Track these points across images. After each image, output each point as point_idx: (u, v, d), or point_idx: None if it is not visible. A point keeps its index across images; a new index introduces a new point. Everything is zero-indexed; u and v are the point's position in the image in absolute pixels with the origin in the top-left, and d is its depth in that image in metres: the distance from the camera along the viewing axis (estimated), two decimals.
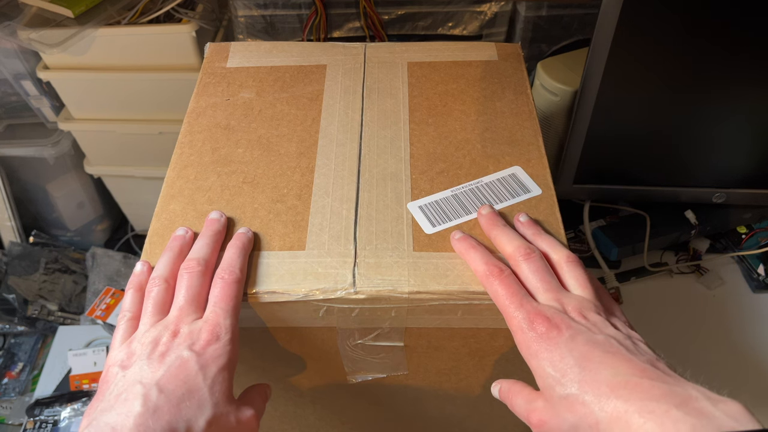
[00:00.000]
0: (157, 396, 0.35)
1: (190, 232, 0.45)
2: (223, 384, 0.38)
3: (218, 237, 0.44)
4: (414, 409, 0.55)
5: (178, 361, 0.37)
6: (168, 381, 0.36)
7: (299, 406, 0.54)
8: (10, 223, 1.02)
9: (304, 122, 0.53)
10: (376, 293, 0.41)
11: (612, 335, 0.36)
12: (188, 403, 0.36)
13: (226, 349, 0.39)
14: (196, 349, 0.38)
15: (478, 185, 0.48)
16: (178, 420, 0.35)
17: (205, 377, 0.37)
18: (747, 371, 0.72)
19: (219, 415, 0.37)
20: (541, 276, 0.40)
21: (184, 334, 0.39)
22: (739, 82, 0.64)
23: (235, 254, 0.42)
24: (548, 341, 0.36)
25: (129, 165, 0.98)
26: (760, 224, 0.83)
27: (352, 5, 0.85)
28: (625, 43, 0.61)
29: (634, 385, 0.32)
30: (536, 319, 0.37)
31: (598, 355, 0.34)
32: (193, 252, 0.43)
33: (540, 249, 0.42)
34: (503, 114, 0.54)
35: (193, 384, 0.36)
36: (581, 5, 0.84)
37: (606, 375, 0.33)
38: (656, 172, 0.74)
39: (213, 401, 0.37)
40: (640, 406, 0.31)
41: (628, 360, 0.34)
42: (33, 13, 0.81)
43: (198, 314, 0.40)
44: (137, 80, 0.85)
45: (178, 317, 0.40)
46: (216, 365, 0.38)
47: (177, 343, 0.38)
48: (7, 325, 0.91)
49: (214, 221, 0.45)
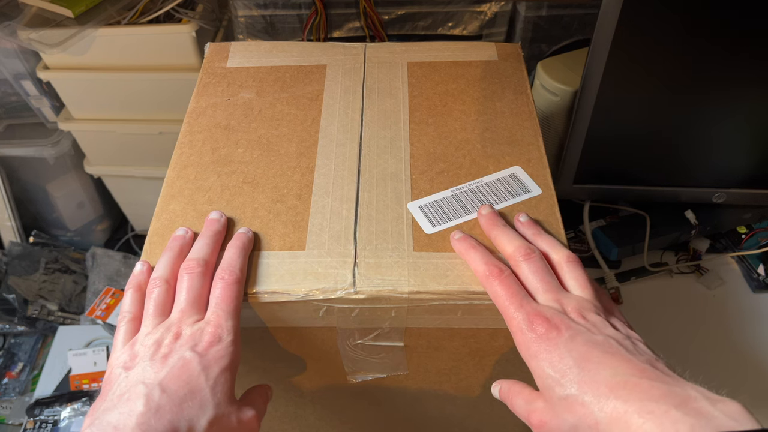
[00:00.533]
0: (160, 396, 0.35)
1: (190, 232, 0.45)
2: (225, 385, 0.38)
3: (218, 237, 0.44)
4: (414, 409, 0.55)
5: (181, 362, 0.37)
6: (170, 381, 0.36)
7: (299, 406, 0.54)
8: (10, 223, 1.02)
9: (304, 122, 0.53)
10: (376, 293, 0.41)
11: (611, 335, 0.36)
12: (190, 403, 0.36)
13: (229, 351, 0.39)
14: (198, 350, 0.38)
15: (478, 185, 0.48)
16: (179, 419, 0.35)
17: (208, 378, 0.37)
18: (747, 371, 0.72)
19: (221, 415, 0.37)
20: (540, 276, 0.40)
21: (187, 335, 0.39)
22: (739, 82, 0.64)
23: (235, 254, 0.42)
24: (547, 342, 0.36)
25: (129, 165, 0.98)
26: (760, 224, 0.83)
27: (352, 5, 0.85)
28: (625, 43, 0.61)
29: (633, 386, 0.32)
30: (536, 320, 0.37)
31: (597, 355, 0.34)
32: (193, 252, 0.43)
33: (540, 249, 0.42)
34: (503, 114, 0.54)
35: (195, 384, 0.36)
36: (581, 5, 0.84)
37: (605, 375, 0.33)
38: (656, 172, 0.74)
39: (215, 402, 0.37)
40: (639, 407, 0.31)
41: (627, 360, 0.34)
42: (33, 13, 0.81)
43: (200, 315, 0.40)
44: (137, 80, 0.85)
45: (180, 319, 0.40)
46: (218, 366, 0.38)
47: (179, 345, 0.38)
48: (7, 325, 0.91)
49: (214, 221, 0.45)
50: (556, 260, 0.42)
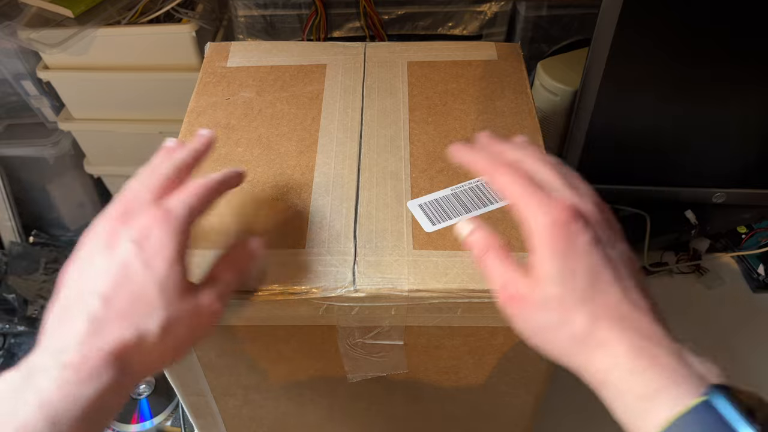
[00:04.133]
0: (101, 308, 0.33)
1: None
2: (174, 277, 0.34)
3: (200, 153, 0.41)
4: (414, 407, 0.55)
5: (122, 259, 0.34)
6: (112, 289, 0.34)
7: (299, 405, 0.54)
8: (10, 223, 1.02)
9: (304, 121, 0.53)
10: (376, 291, 0.41)
11: (622, 253, 0.35)
12: (136, 310, 0.33)
13: (174, 237, 0.35)
14: (139, 239, 0.34)
15: (477, 184, 0.48)
16: (125, 332, 0.33)
17: (152, 275, 0.34)
18: (746, 371, 0.72)
19: (173, 315, 0.34)
20: (550, 167, 0.38)
21: (137, 222, 0.35)
22: (739, 82, 0.64)
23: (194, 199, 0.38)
24: (569, 239, 0.34)
25: (129, 165, 0.98)
26: (760, 224, 0.83)
27: (352, 5, 0.85)
28: (625, 43, 0.61)
29: (631, 321, 0.32)
30: (567, 213, 0.34)
31: (607, 277, 0.33)
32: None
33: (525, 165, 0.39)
34: (503, 113, 0.54)
35: (138, 287, 0.34)
36: (581, 5, 0.84)
37: (611, 301, 0.33)
38: (656, 172, 0.74)
39: (164, 302, 0.34)
40: (639, 342, 0.31)
41: (630, 289, 0.33)
42: (33, 13, 0.81)
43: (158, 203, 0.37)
44: (137, 80, 0.85)
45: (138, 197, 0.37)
46: (161, 257, 0.34)
47: (125, 232, 0.35)
48: (7, 325, 0.91)
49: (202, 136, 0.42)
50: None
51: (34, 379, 0.31)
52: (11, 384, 0.31)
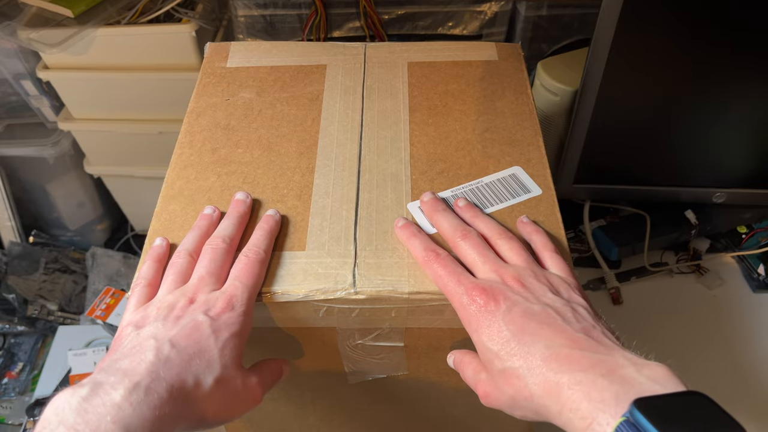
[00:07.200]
0: (170, 350, 0.36)
1: (218, 211, 0.46)
2: (234, 350, 0.38)
3: (244, 217, 0.45)
4: (414, 409, 0.55)
5: (192, 323, 0.38)
6: (181, 339, 0.37)
7: (300, 405, 0.54)
8: (10, 223, 1.02)
9: (304, 122, 0.53)
10: (377, 293, 0.41)
11: (549, 303, 0.37)
12: (198, 361, 0.36)
13: (240, 319, 0.39)
14: (211, 314, 0.38)
15: (478, 185, 0.48)
16: (187, 373, 0.36)
17: (217, 340, 0.37)
18: (746, 371, 0.72)
19: (227, 376, 0.37)
20: (478, 251, 0.41)
21: (201, 301, 0.39)
22: (739, 82, 0.64)
23: (261, 236, 0.43)
24: (487, 315, 0.37)
25: (129, 165, 0.98)
26: (760, 224, 0.83)
27: (352, 5, 0.85)
28: (625, 43, 0.61)
29: (564, 357, 0.33)
30: (474, 292, 0.38)
31: (533, 327, 0.35)
32: (218, 230, 0.44)
33: (477, 229, 0.43)
34: (503, 114, 0.54)
35: (204, 344, 0.37)
36: (581, 5, 0.84)
37: (539, 348, 0.34)
38: (656, 172, 0.74)
39: (222, 363, 0.37)
40: (569, 378, 0.32)
41: (561, 330, 0.35)
42: (33, 13, 0.81)
43: (217, 286, 0.41)
44: (137, 80, 0.85)
45: (197, 286, 0.41)
46: (228, 331, 0.38)
47: (192, 309, 0.39)
48: (7, 325, 0.91)
49: (240, 202, 0.46)
50: (491, 236, 0.43)
51: (104, 393, 0.33)
52: (79, 394, 0.33)
